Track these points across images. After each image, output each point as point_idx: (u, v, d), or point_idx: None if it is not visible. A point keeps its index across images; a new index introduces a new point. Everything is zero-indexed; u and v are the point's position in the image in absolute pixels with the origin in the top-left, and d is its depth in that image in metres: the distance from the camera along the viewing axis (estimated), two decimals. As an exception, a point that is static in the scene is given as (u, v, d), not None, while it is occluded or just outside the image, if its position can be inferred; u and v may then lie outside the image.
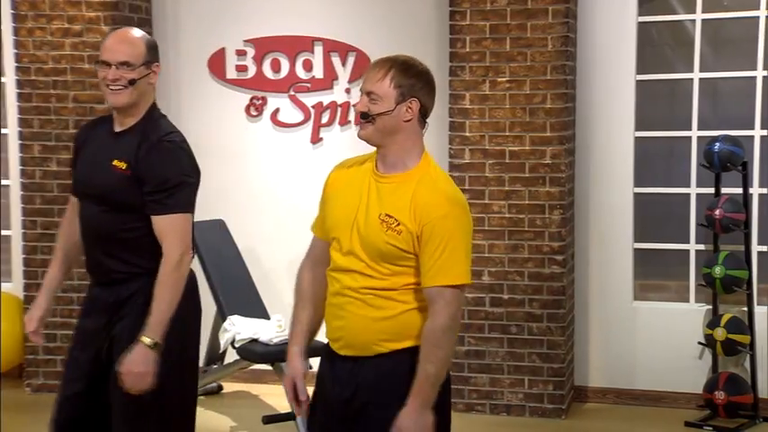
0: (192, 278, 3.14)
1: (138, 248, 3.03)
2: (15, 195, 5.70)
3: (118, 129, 3.13)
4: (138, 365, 2.92)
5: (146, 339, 2.93)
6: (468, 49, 5.20)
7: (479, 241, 5.25)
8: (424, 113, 2.61)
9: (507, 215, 5.22)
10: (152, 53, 3.12)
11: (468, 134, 5.26)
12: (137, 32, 3.15)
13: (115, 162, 3.03)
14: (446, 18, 5.31)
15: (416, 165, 2.60)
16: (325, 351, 2.72)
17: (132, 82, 3.03)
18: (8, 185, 5.84)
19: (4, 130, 5.80)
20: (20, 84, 5.49)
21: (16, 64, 5.48)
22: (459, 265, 2.52)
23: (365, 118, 2.59)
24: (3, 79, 5.76)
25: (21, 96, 5.50)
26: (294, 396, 2.71)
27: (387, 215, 2.54)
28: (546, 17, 5.08)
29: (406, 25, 5.57)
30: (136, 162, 3.01)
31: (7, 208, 5.86)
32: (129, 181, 3.00)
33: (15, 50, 5.48)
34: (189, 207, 3.08)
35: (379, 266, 2.55)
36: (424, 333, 2.51)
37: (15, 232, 5.76)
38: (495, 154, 5.23)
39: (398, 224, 2.52)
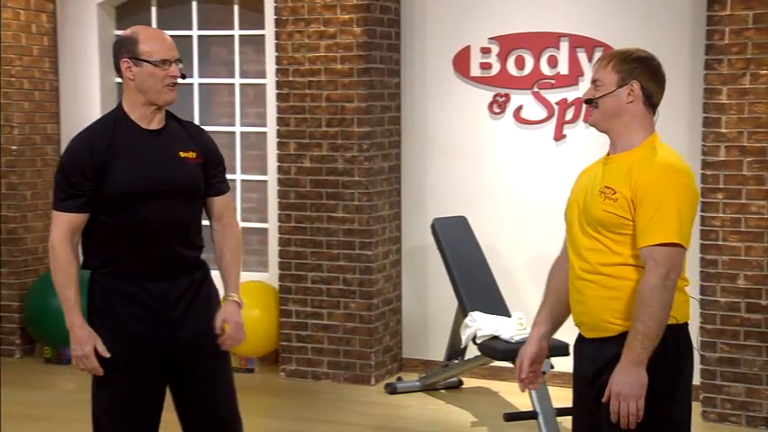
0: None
1: (198, 231, 3.01)
2: (272, 190, 5.59)
3: (156, 126, 2.93)
4: (238, 316, 2.98)
5: (235, 297, 3.00)
6: (727, 41, 4.49)
7: (735, 243, 4.54)
8: (648, 98, 2.53)
9: (766, 216, 4.48)
10: None
11: (723, 130, 4.55)
12: None
13: (183, 154, 2.93)
14: (703, 8, 4.62)
15: (641, 143, 2.52)
16: (576, 340, 2.64)
17: (184, 77, 2.93)
18: (266, 181, 5.74)
19: (263, 129, 5.70)
20: (278, 85, 5.35)
21: (276, 66, 5.35)
22: (669, 225, 2.40)
23: (589, 103, 2.57)
24: (264, 81, 5.66)
25: (279, 97, 5.35)
26: (518, 374, 2.71)
27: (606, 187, 2.49)
28: (817, 3, 4.28)
29: (657, 17, 4.93)
30: (200, 150, 2.97)
31: (265, 202, 5.78)
32: (200, 168, 2.97)
33: (276, 53, 5.33)
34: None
35: (604, 237, 2.48)
36: (636, 291, 2.41)
37: (272, 225, 5.65)
38: (755, 151, 4.50)
39: (615, 192, 2.46)
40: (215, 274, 3.07)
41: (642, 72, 2.52)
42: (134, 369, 2.89)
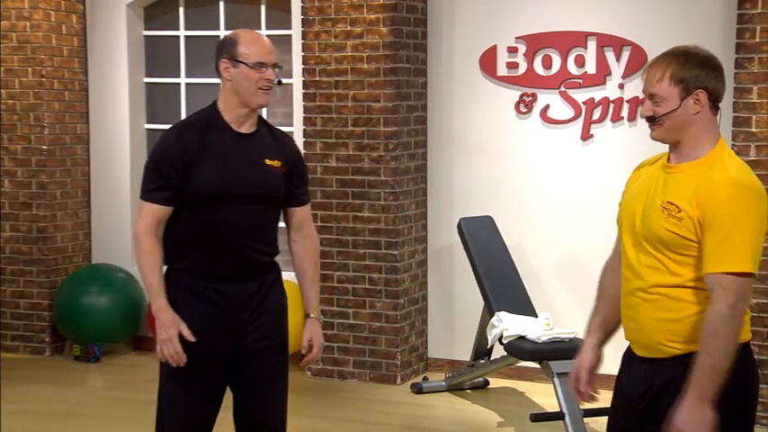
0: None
1: (274, 237, 3.04)
2: (299, 189, 5.57)
3: (247, 130, 2.96)
4: (321, 336, 3.10)
5: (316, 314, 3.08)
6: (758, 39, 4.43)
7: (765, 243, 4.46)
8: (714, 100, 2.34)
9: (797, 217, 4.41)
10: None
11: (754, 130, 4.50)
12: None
13: (268, 161, 2.96)
14: (734, 6, 4.56)
15: (708, 153, 2.32)
16: (627, 350, 2.50)
17: (280, 83, 2.97)
18: (293, 180, 5.73)
19: (290, 129, 5.70)
20: (305, 84, 5.35)
21: (303, 66, 5.35)
22: (740, 252, 2.21)
23: (652, 121, 2.36)
24: (291, 80, 5.66)
25: (306, 96, 5.36)
26: (576, 386, 2.57)
27: (669, 202, 2.29)
28: None
29: (686, 16, 4.88)
30: (286, 159, 2.99)
31: (292, 201, 5.76)
32: (283, 178, 2.99)
33: (303, 53, 5.34)
34: None
35: (663, 257, 2.31)
36: (703, 322, 2.25)
37: (299, 224, 5.64)
38: (786, 151, 4.43)
39: (679, 210, 2.27)
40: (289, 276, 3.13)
41: (707, 76, 2.30)
42: (200, 366, 2.92)
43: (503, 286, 4.81)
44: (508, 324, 4.54)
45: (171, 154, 2.89)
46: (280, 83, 2.96)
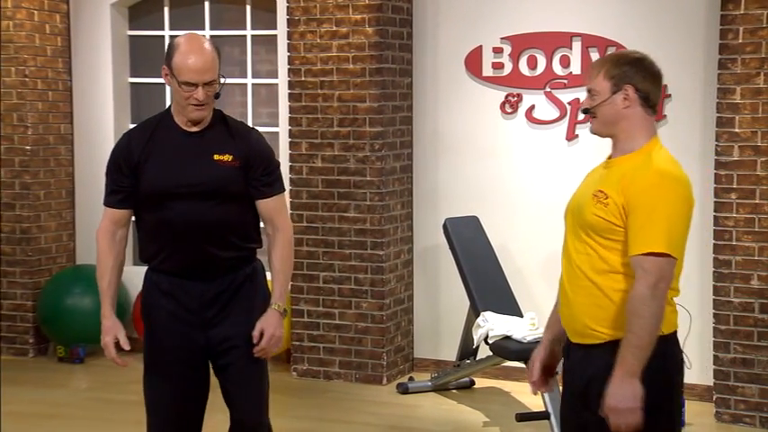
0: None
1: (241, 233, 2.98)
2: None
3: (197, 128, 2.94)
4: (278, 328, 2.94)
5: (278, 306, 2.96)
6: (741, 40, 4.45)
7: (749, 243, 4.51)
8: (645, 99, 2.48)
9: (780, 216, 4.45)
10: (220, 61, 2.94)
11: (737, 130, 4.52)
12: (205, 42, 2.91)
13: (216, 156, 2.92)
14: (717, 7, 4.58)
15: (641, 147, 2.48)
16: (565, 342, 2.61)
17: (217, 96, 2.90)
18: (278, 180, 5.72)
19: (275, 129, 5.69)
20: (291, 85, 5.34)
21: (288, 66, 5.34)
22: (659, 234, 2.35)
23: (587, 113, 2.56)
24: (276, 81, 5.65)
25: (291, 97, 5.34)
26: (529, 376, 2.71)
27: (599, 191, 2.45)
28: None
29: (670, 17, 4.90)
30: (239, 152, 2.93)
31: (277, 201, 5.74)
32: (237, 171, 2.93)
33: (288, 53, 5.32)
34: (283, 186, 3.10)
35: (594, 242, 2.45)
36: (627, 302, 2.37)
37: (284, 224, 5.63)
38: (769, 151, 4.46)
39: (607, 197, 2.43)
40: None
41: (635, 74, 2.46)
42: (175, 363, 2.95)
43: (488, 286, 4.82)
44: (494, 324, 4.55)
45: (119, 157, 2.96)
46: (217, 96, 2.89)
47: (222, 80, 2.90)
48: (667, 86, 4.71)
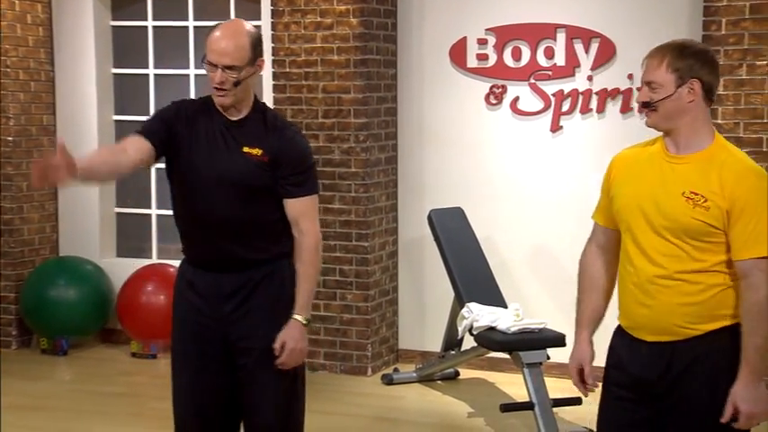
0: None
1: (264, 233, 2.89)
2: (269, 181, 5.56)
3: (234, 117, 2.88)
4: (299, 341, 2.84)
5: (300, 317, 2.86)
6: (724, 32, 4.47)
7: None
8: (708, 92, 2.43)
9: (763, 208, 4.47)
10: (257, 50, 2.84)
11: (720, 121, 4.54)
12: (243, 30, 2.83)
13: (246, 149, 2.83)
14: (699, -1, 4.60)
15: (711, 143, 2.44)
16: (621, 338, 2.55)
17: (237, 83, 2.79)
18: (263, 171, 5.71)
19: (260, 120, 5.66)
20: (275, 76, 5.32)
21: (273, 57, 5.31)
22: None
23: (647, 106, 2.45)
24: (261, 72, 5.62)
25: (276, 88, 5.33)
26: (580, 379, 2.61)
27: (692, 192, 2.38)
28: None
29: (654, 8, 4.92)
30: (270, 148, 2.84)
31: (262, 192, 5.73)
32: (265, 166, 2.84)
33: (272, 44, 5.30)
34: (318, 188, 2.98)
35: (685, 244, 2.40)
36: (746, 307, 2.36)
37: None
38: (752, 142, 4.49)
39: (706, 200, 2.37)
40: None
41: (701, 68, 2.39)
42: (192, 354, 2.93)
43: (473, 277, 4.82)
44: (478, 315, 4.55)
45: (166, 112, 2.91)
46: (237, 84, 2.78)
47: (252, 69, 2.80)
48: (651, 78, 4.72)
